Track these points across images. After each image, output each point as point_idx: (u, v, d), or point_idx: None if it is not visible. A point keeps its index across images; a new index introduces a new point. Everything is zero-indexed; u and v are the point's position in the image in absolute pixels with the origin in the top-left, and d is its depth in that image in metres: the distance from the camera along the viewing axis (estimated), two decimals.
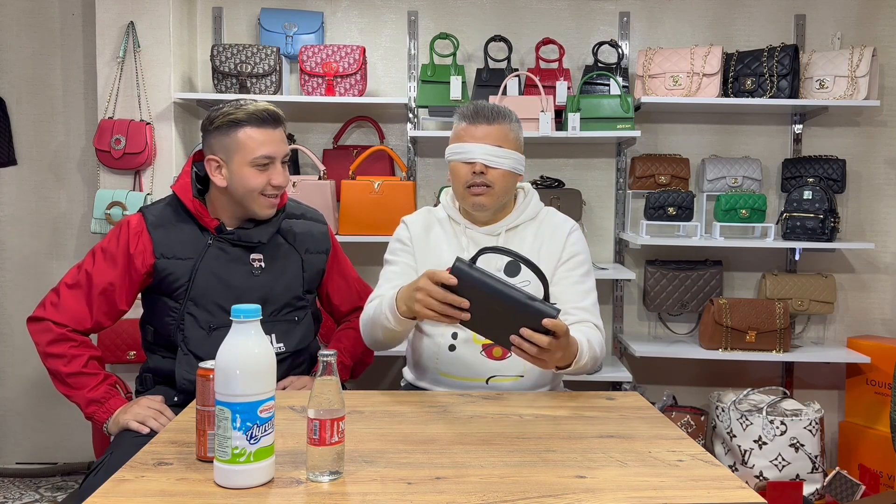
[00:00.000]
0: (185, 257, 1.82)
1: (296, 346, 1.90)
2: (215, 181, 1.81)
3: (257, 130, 1.77)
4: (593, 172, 3.20)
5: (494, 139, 1.82)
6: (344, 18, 3.18)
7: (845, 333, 3.18)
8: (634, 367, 3.08)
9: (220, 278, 1.82)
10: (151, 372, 1.90)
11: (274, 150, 1.79)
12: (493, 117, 1.83)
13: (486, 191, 1.82)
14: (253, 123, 1.77)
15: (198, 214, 1.83)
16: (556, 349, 1.52)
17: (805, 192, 2.92)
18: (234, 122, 1.77)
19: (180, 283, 1.81)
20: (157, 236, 1.82)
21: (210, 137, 1.81)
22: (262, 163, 1.78)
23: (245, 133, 1.76)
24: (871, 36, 3.12)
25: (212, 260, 1.82)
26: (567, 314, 1.84)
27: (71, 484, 3.08)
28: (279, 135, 1.81)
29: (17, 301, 3.20)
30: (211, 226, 1.83)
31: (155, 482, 1.17)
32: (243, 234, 1.84)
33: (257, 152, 1.77)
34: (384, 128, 3.16)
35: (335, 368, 1.19)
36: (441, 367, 1.84)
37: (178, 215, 1.85)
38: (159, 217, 1.85)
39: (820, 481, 2.69)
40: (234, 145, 1.77)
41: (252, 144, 1.76)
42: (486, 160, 1.80)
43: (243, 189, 1.79)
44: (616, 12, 3.16)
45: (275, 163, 1.80)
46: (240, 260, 1.84)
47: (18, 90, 3.15)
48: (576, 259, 1.89)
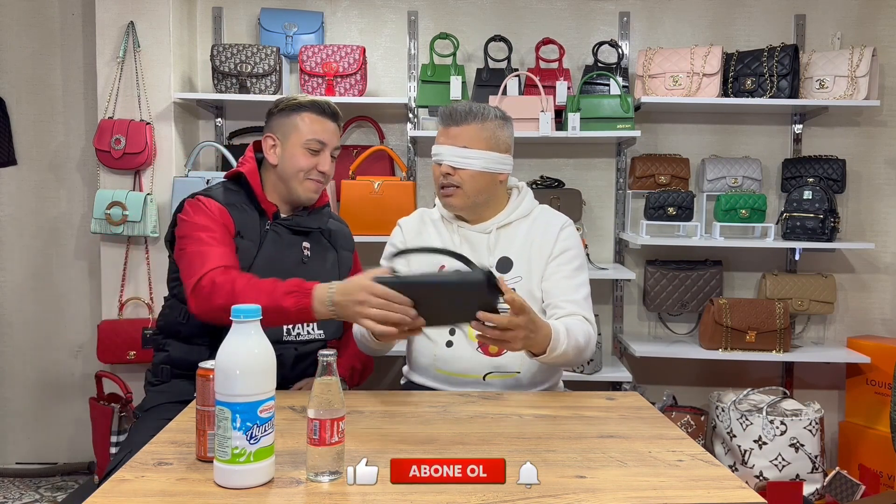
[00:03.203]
0: (251, 240, 1.86)
1: (332, 334, 1.95)
2: (268, 158, 1.91)
3: (315, 117, 1.89)
4: (593, 172, 3.20)
5: (463, 140, 1.84)
6: (344, 18, 3.18)
7: (845, 333, 3.18)
8: (634, 367, 3.08)
9: (276, 263, 1.85)
10: (171, 363, 1.85)
11: (326, 138, 1.89)
12: (461, 119, 1.85)
13: (456, 191, 1.86)
14: (313, 110, 1.89)
15: (261, 196, 1.89)
16: (519, 328, 1.52)
17: (805, 192, 2.92)
18: (296, 107, 1.89)
19: (244, 264, 1.82)
20: (234, 214, 1.85)
21: (272, 119, 1.92)
22: (314, 147, 1.88)
23: (303, 117, 1.88)
24: (871, 36, 3.12)
25: (270, 244, 1.88)
26: (557, 307, 1.84)
27: (71, 484, 3.08)
28: (334, 127, 1.92)
29: (17, 301, 3.20)
30: (270, 210, 1.90)
31: (155, 482, 1.17)
32: (301, 220, 1.92)
33: (311, 135, 1.88)
34: (384, 128, 3.16)
35: (335, 368, 1.19)
36: (438, 363, 1.85)
37: (242, 198, 1.90)
38: (226, 198, 1.87)
39: (820, 481, 2.69)
40: (291, 127, 1.88)
41: (308, 128, 1.88)
42: (452, 161, 1.84)
43: (292, 168, 1.87)
44: (616, 12, 3.16)
45: (325, 150, 1.90)
46: (293, 246, 1.91)
47: (18, 90, 3.15)
48: (568, 254, 1.89)
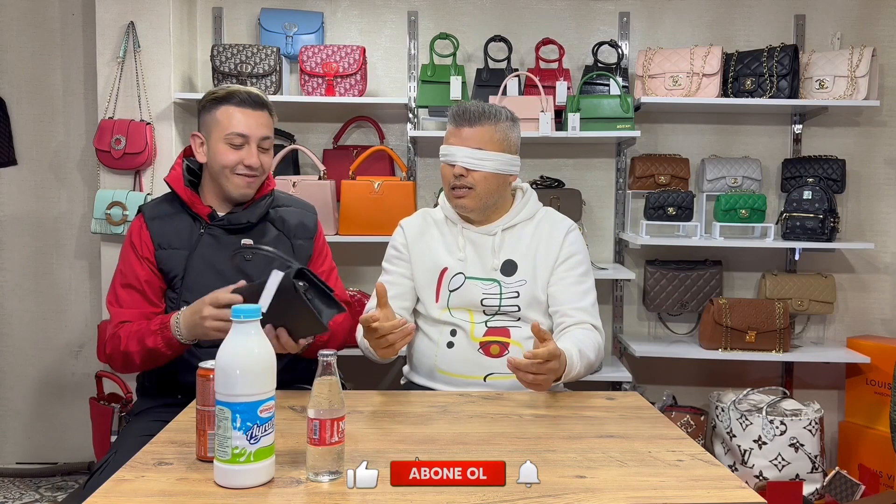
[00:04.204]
0: (180, 247, 1.85)
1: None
2: (197, 157, 1.88)
3: (236, 109, 1.83)
4: (593, 172, 3.20)
5: (477, 141, 1.83)
6: (344, 18, 3.18)
7: (845, 333, 3.18)
8: (634, 367, 3.08)
9: (212, 266, 1.84)
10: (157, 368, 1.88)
11: (248, 130, 1.83)
12: (475, 119, 1.84)
13: (468, 193, 1.85)
14: (233, 102, 1.83)
15: (190, 202, 1.87)
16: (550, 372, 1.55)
17: (805, 192, 2.92)
18: (216, 101, 1.84)
19: (175, 273, 1.84)
20: (154, 227, 1.86)
21: (200, 116, 1.89)
22: (236, 141, 1.82)
23: (224, 111, 1.83)
24: (871, 36, 3.12)
25: (204, 248, 1.85)
26: (565, 315, 1.84)
27: (71, 484, 3.08)
28: (259, 118, 1.85)
29: (17, 301, 3.20)
30: (203, 213, 1.87)
31: (155, 482, 1.17)
32: (232, 218, 1.88)
33: (230, 129, 1.82)
34: (384, 128, 3.16)
35: (335, 368, 1.19)
36: (439, 364, 1.85)
37: (174, 207, 1.89)
38: (156, 210, 1.90)
39: (820, 481, 2.69)
40: (213, 122, 1.84)
41: (227, 121, 1.82)
42: (465, 163, 1.83)
43: (217, 165, 1.84)
44: (616, 12, 3.16)
45: (249, 143, 1.84)
46: (231, 247, 1.86)
47: (18, 90, 3.15)
48: (574, 259, 1.89)
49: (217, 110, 1.83)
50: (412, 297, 1.94)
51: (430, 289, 1.91)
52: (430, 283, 1.91)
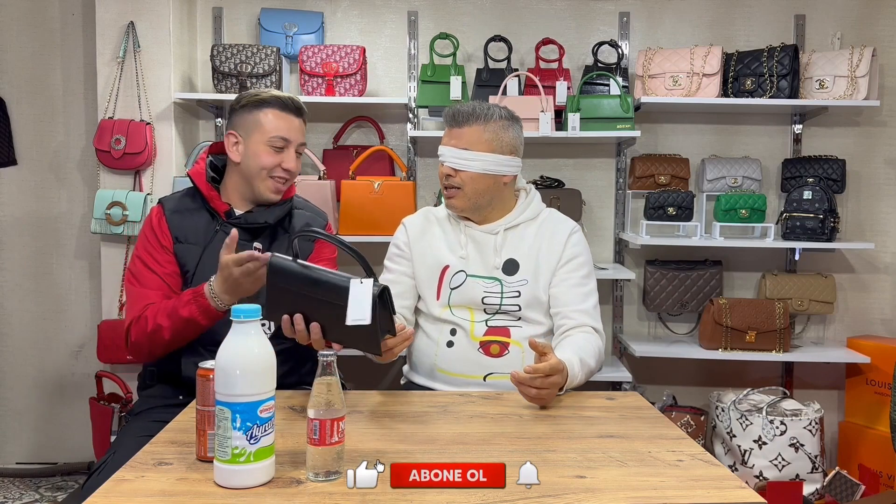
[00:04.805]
0: (195, 243, 1.85)
1: None
2: (231, 156, 1.88)
3: (279, 113, 1.85)
4: (593, 172, 3.20)
5: (465, 142, 1.85)
6: (344, 18, 3.18)
7: (845, 333, 3.18)
8: (634, 367, 3.09)
9: None
10: (156, 367, 1.89)
11: (290, 135, 1.86)
12: (464, 120, 1.86)
13: (457, 193, 1.87)
14: (276, 106, 1.85)
15: (209, 197, 1.87)
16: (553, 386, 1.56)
17: (805, 192, 2.92)
18: (259, 103, 1.85)
19: (189, 268, 1.84)
20: (174, 221, 1.86)
21: (235, 115, 1.89)
22: (278, 144, 1.85)
23: (266, 114, 1.85)
24: (871, 36, 3.12)
25: (219, 244, 1.83)
26: (566, 317, 1.84)
27: (71, 484, 3.08)
28: (298, 124, 1.89)
29: (17, 301, 3.20)
30: (221, 209, 1.87)
31: (155, 482, 1.17)
32: (249, 217, 1.88)
33: (274, 133, 1.84)
34: (384, 128, 3.16)
35: (335, 368, 1.19)
36: (439, 363, 1.85)
37: (194, 202, 1.90)
38: (176, 203, 1.90)
39: (820, 481, 2.69)
40: (254, 123, 1.85)
41: (271, 125, 1.85)
42: (452, 163, 1.86)
43: (255, 166, 1.85)
44: (616, 12, 3.16)
45: (289, 148, 1.87)
46: (244, 246, 1.85)
47: (18, 90, 3.15)
48: (577, 261, 1.90)
49: (259, 112, 1.85)
50: (414, 296, 1.95)
51: (431, 286, 1.91)
52: (431, 281, 1.91)
